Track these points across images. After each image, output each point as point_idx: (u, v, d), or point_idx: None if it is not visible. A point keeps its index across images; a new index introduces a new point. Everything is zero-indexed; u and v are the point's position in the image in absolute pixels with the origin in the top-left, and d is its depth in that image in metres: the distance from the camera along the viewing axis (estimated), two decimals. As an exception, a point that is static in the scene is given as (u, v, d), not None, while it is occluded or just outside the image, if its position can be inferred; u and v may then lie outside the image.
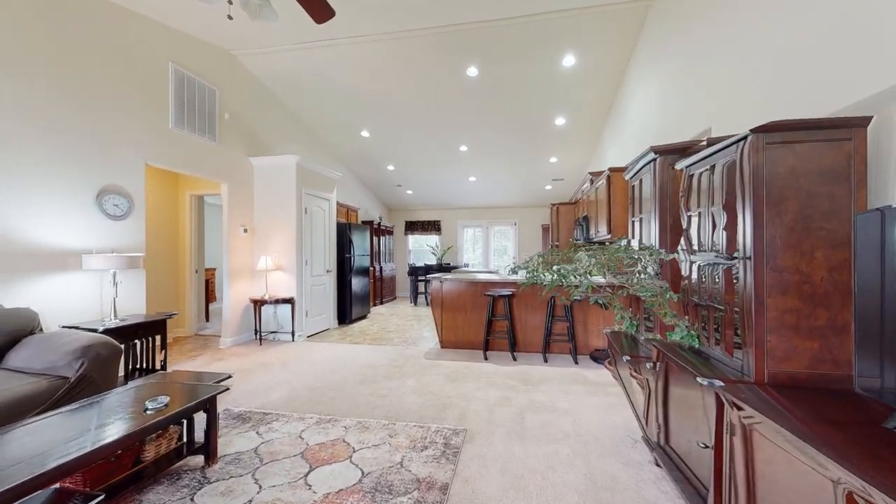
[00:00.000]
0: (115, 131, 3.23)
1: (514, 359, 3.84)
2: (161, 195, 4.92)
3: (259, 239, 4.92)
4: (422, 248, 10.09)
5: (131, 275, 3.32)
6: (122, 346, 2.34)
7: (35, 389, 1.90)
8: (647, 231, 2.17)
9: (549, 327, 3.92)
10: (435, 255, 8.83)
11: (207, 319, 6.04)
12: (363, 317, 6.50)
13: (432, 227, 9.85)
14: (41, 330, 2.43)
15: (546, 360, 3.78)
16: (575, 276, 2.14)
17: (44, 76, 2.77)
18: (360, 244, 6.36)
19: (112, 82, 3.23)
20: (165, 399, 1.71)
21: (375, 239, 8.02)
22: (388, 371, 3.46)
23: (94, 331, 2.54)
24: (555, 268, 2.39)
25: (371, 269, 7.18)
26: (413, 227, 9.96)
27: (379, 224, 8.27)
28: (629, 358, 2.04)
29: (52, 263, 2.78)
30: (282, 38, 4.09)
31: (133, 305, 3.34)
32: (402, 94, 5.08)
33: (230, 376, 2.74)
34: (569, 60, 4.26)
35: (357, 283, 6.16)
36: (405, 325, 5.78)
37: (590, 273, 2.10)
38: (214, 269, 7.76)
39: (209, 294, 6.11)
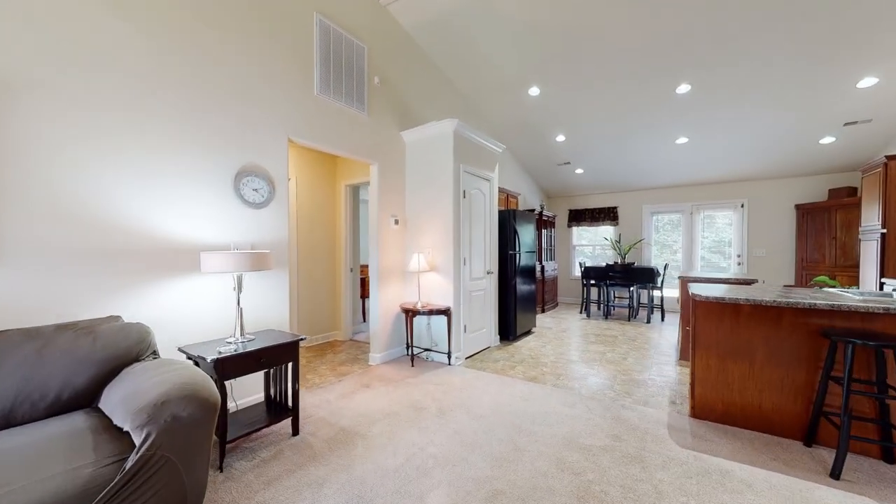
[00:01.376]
0: (253, 97, 2.63)
1: (925, 494, 1.67)
2: (317, 185, 4.57)
3: (411, 233, 4.01)
4: (590, 244, 8.01)
5: (270, 276, 2.70)
6: (219, 396, 1.47)
7: (69, 489, 1.09)
8: None
9: None
10: (617, 251, 6.68)
11: (364, 319, 5.69)
12: (528, 332, 5.06)
13: (606, 215, 7.66)
14: (153, 354, 1.81)
15: None
16: None
17: (181, 30, 2.24)
18: (526, 238, 4.92)
19: (252, 38, 2.62)
20: None
21: (537, 232, 6.48)
22: (619, 468, 1.86)
23: (199, 361, 1.80)
24: None
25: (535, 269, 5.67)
26: (580, 216, 7.97)
27: (541, 213, 6.69)
28: None
29: (181, 263, 2.25)
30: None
31: (274, 315, 2.72)
32: (597, 15, 3.34)
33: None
34: None
35: (522, 288, 4.75)
36: (592, 352, 4.03)
37: None
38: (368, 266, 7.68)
39: (364, 291, 5.76)
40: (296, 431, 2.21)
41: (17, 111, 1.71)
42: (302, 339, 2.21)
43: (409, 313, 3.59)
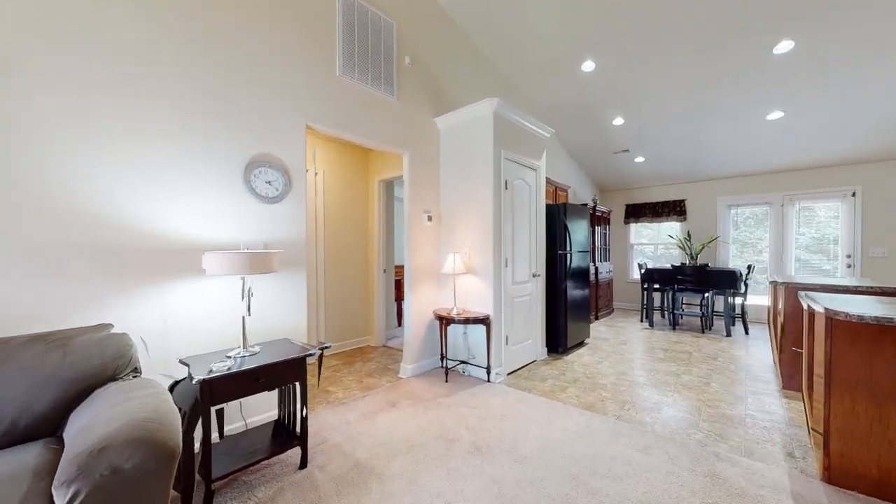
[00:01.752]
0: (266, 79, 2.35)
1: None
2: (348, 180, 4.31)
3: (446, 230, 3.60)
4: (651, 242, 7.08)
5: (286, 278, 2.41)
6: (181, 441, 1.15)
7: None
8: None
9: None
10: (686, 250, 5.77)
11: (399, 323, 5.38)
12: (581, 343, 4.42)
13: (671, 209, 6.71)
14: (134, 371, 1.55)
15: None
16: None
17: (182, 5, 2.01)
18: (578, 236, 4.29)
19: (263, 12, 2.35)
20: None
21: (591, 229, 5.77)
22: (730, 562, 1.29)
23: (189, 380, 1.51)
24: None
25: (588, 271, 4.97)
26: (639, 211, 7.08)
27: (594, 208, 5.97)
28: None
29: (187, 264, 2.01)
30: None
31: (289, 322, 2.43)
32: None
33: None
34: None
35: (574, 293, 4.14)
36: (663, 373, 3.34)
37: None
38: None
39: (400, 294, 5.44)
40: (304, 464, 1.87)
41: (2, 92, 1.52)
42: (310, 354, 1.87)
43: (444, 321, 3.17)
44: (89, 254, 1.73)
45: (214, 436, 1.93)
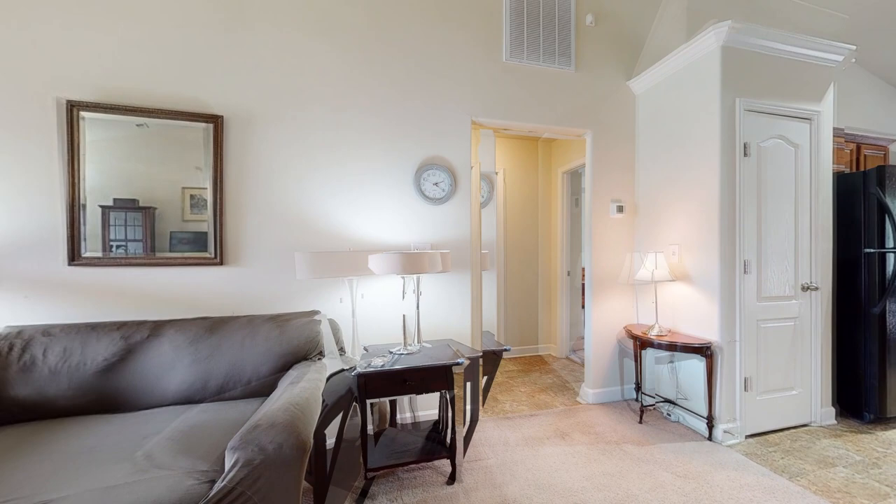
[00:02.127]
0: (432, 83, 2.39)
1: None
2: (529, 176, 4.05)
3: (643, 223, 2.78)
4: None
5: (452, 279, 2.39)
6: (311, 437, 1.20)
7: (164, 499, 1.05)
8: None
9: None
10: None
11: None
12: (926, 412, 2.50)
13: None
14: (319, 354, 1.82)
15: None
16: None
17: (357, 24, 2.28)
18: (918, 222, 2.44)
19: (433, 22, 2.40)
20: None
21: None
22: None
23: (340, 371, 1.63)
24: None
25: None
26: None
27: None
28: None
29: (366, 264, 2.26)
30: None
31: (455, 323, 2.39)
32: None
33: None
34: None
35: (906, 325, 2.37)
36: None
37: None
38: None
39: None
40: (452, 479, 1.75)
41: (258, 138, 2.11)
42: (458, 364, 1.73)
43: (639, 342, 2.43)
44: (307, 252, 2.19)
45: (370, 428, 2.08)
